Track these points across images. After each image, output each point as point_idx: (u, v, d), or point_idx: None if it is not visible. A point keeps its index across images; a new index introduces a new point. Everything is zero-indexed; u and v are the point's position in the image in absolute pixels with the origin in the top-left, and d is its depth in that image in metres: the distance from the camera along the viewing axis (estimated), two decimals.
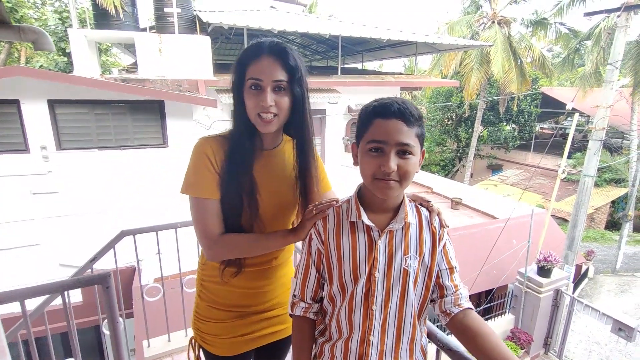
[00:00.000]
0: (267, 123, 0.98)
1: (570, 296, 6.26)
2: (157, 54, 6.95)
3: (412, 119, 0.83)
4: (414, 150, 0.84)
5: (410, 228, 0.92)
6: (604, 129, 6.77)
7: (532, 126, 18.84)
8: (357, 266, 0.91)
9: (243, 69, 0.97)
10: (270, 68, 0.95)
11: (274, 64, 0.96)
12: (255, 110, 0.97)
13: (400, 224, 0.90)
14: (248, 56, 0.97)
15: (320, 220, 0.97)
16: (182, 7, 7.55)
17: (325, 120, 8.94)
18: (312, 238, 0.99)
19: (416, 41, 9.42)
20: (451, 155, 20.11)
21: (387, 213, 0.93)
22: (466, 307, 0.92)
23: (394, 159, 0.82)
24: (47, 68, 13.22)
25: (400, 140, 0.82)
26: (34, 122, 4.83)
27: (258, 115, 0.97)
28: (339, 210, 0.97)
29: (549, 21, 15.05)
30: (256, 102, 0.96)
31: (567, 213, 13.59)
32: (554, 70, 15.71)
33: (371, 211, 0.93)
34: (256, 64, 0.95)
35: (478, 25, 15.81)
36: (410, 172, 0.84)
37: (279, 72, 0.96)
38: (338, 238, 0.93)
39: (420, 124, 0.85)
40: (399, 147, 0.82)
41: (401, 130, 0.82)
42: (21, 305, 1.11)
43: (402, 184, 0.85)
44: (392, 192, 0.86)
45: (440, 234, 0.95)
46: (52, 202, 5.08)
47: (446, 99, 18.84)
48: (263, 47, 0.97)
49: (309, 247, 0.99)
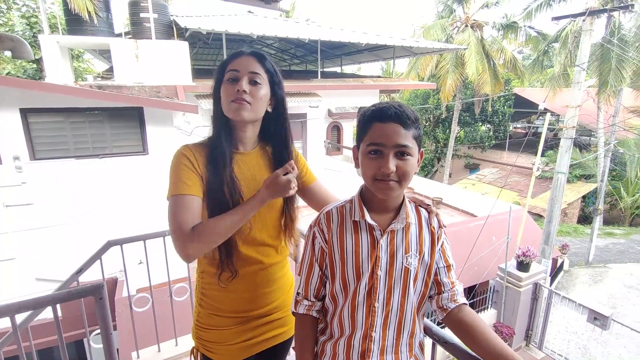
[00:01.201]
0: (239, 105, 1.01)
1: (548, 289, 6.49)
2: (133, 60, 6.81)
3: (408, 121, 0.87)
4: (412, 151, 0.88)
5: (410, 228, 0.96)
6: (574, 127, 7.10)
7: (506, 126, 19.50)
8: (360, 264, 0.94)
9: (223, 70, 1.04)
10: (247, 61, 1.02)
11: (251, 59, 1.03)
12: (229, 97, 1.01)
13: (402, 224, 0.94)
14: (227, 60, 1.04)
15: (324, 220, 1.00)
16: (159, 13, 7.45)
17: (307, 124, 8.98)
18: (315, 236, 1.01)
19: (393, 45, 9.60)
20: (430, 156, 20.54)
21: (389, 213, 0.97)
22: (461, 302, 0.97)
23: (393, 160, 0.86)
24: (15, 75, 12.69)
25: (398, 142, 0.86)
26: (6, 132, 4.64)
27: (232, 101, 1.00)
28: (342, 210, 1.00)
29: (518, 25, 15.67)
30: (232, 90, 1.00)
31: (542, 209, 14.10)
32: (525, 72, 16.34)
33: (373, 211, 0.96)
34: (235, 61, 1.03)
35: (452, 29, 16.27)
36: (409, 173, 0.88)
37: (256, 66, 1.03)
38: (341, 236, 0.96)
39: (417, 126, 0.90)
40: (397, 149, 0.86)
41: (399, 133, 0.86)
42: (11, 320, 1.08)
43: (401, 184, 0.89)
44: (392, 193, 0.89)
45: (438, 234, 0.99)
46: (26, 214, 4.89)
47: (424, 101, 19.27)
48: (243, 51, 1.04)
49: (313, 245, 1.02)
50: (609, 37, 10.40)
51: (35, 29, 12.54)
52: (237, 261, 1.09)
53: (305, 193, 1.27)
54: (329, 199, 1.27)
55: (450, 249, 1.03)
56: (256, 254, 1.13)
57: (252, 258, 1.12)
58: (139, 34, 7.25)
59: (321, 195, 1.28)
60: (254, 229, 1.10)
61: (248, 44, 13.26)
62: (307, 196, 1.28)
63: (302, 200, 1.30)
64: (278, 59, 15.93)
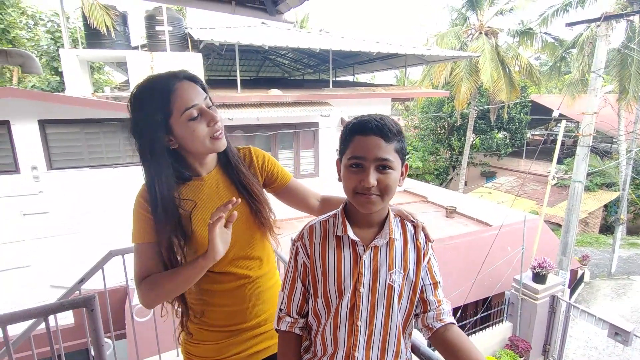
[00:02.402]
0: (221, 139, 1.00)
1: (566, 302, 6.26)
2: (149, 72, 6.99)
3: (390, 134, 0.85)
4: (394, 165, 0.86)
5: (395, 244, 0.94)
6: (591, 134, 6.89)
7: (523, 133, 19.09)
8: (341, 281, 0.92)
9: (165, 106, 0.92)
10: (195, 91, 0.96)
11: (194, 88, 0.97)
12: (209, 133, 0.97)
13: (385, 239, 0.92)
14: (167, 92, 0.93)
15: (306, 234, 0.98)
16: (174, 26, 7.66)
17: (318, 133, 9.01)
18: (298, 251, 0.99)
19: (405, 53, 9.58)
20: (445, 164, 20.25)
21: (373, 228, 0.94)
22: (448, 322, 0.93)
23: (374, 174, 0.84)
24: (39, 88, 13.24)
25: (378, 156, 0.84)
26: (25, 143, 4.82)
27: (211, 137, 0.98)
28: (325, 225, 0.98)
29: (534, 31, 15.42)
30: (206, 124, 0.96)
31: (561, 218, 13.65)
32: (541, 78, 16.03)
33: (357, 226, 0.94)
34: (180, 93, 0.93)
35: (466, 37, 16.15)
36: (390, 187, 0.86)
37: (202, 93, 0.98)
38: (324, 252, 0.94)
39: (399, 139, 0.87)
40: (378, 162, 0.84)
41: (379, 146, 0.84)
42: (2, 332, 1.11)
43: (383, 198, 0.87)
44: (374, 207, 0.87)
45: (425, 250, 0.96)
46: (42, 222, 5.03)
47: (438, 109, 19.09)
48: (173, 79, 0.95)
49: (295, 260, 1.00)
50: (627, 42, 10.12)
51: (59, 43, 13.05)
52: (220, 278, 1.09)
53: (283, 194, 1.24)
54: (308, 196, 1.25)
55: (438, 265, 0.99)
56: (240, 269, 1.12)
57: (237, 274, 1.11)
58: (155, 47, 7.47)
59: (300, 193, 1.25)
60: (234, 248, 1.08)
61: (261, 54, 13.48)
62: (286, 197, 1.25)
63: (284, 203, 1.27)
64: (292, 68, 16.12)
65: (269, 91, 8.03)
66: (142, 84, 0.96)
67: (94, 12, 6.87)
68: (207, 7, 2.36)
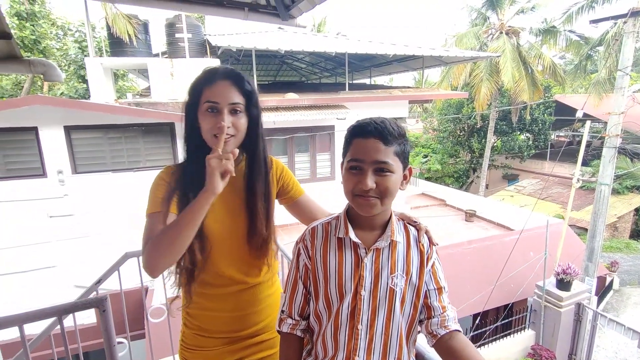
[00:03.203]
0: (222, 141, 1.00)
1: (593, 310, 6.00)
2: (169, 78, 7.19)
3: (390, 137, 0.85)
4: (392, 168, 0.85)
5: (397, 247, 0.92)
6: (618, 135, 6.61)
7: (546, 134, 18.50)
8: (342, 283, 0.91)
9: (198, 93, 1.00)
10: (225, 91, 0.99)
11: (229, 88, 1.00)
12: (211, 131, 0.99)
13: (387, 241, 0.91)
14: (203, 81, 1.00)
15: (308, 236, 0.99)
16: (193, 33, 7.85)
17: (334, 136, 9.01)
18: (300, 253, 1.00)
19: (422, 55, 9.48)
20: (465, 167, 19.85)
21: (375, 231, 0.94)
22: (453, 329, 0.91)
23: (372, 176, 0.84)
24: (67, 95, 13.79)
25: (376, 159, 0.84)
26: (51, 148, 5.03)
27: (214, 136, 0.99)
28: (327, 227, 0.98)
29: (558, 29, 14.95)
30: (213, 123, 0.98)
31: (587, 222, 13.13)
32: (566, 78, 15.51)
33: (359, 228, 0.94)
34: (212, 88, 0.99)
35: (486, 37, 15.83)
36: (389, 189, 0.85)
37: (235, 95, 1.00)
38: (325, 254, 0.94)
39: (400, 142, 0.87)
40: (377, 165, 0.84)
41: (378, 149, 0.84)
42: (20, 330, 1.15)
43: (382, 201, 0.86)
44: (373, 209, 0.87)
45: (428, 253, 0.94)
46: (67, 224, 5.23)
47: (457, 110, 18.76)
48: (218, 73, 1.01)
49: (297, 262, 1.00)
50: None
51: (86, 52, 13.57)
52: (216, 280, 1.09)
53: (293, 207, 1.26)
54: (317, 213, 1.26)
55: (443, 270, 0.97)
56: (238, 273, 1.11)
57: (234, 278, 1.10)
58: (174, 53, 7.66)
59: (309, 209, 1.26)
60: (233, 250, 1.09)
61: (278, 58, 13.62)
62: (295, 211, 1.27)
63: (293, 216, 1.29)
64: (309, 72, 16.21)
65: (285, 95, 8.10)
66: (205, 69, 1.05)
67: (117, 21, 7.12)
68: (221, 13, 2.39)
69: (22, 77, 14.72)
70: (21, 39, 12.67)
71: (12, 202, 4.90)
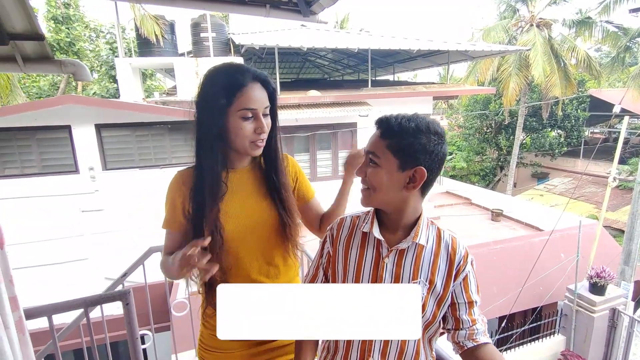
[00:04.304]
0: (260, 147, 1.03)
1: (629, 316, 5.69)
2: (194, 77, 7.34)
3: (387, 131, 0.84)
4: (379, 161, 0.84)
5: (423, 252, 0.88)
6: None
7: (580, 131, 17.66)
8: (360, 279, 0.89)
9: (231, 95, 0.96)
10: (259, 95, 0.99)
11: (261, 91, 1.00)
12: (252, 137, 0.99)
13: (409, 242, 0.87)
14: (235, 84, 0.97)
15: (336, 225, 0.99)
16: (217, 32, 7.97)
17: (357, 133, 8.94)
18: (326, 240, 0.99)
19: (447, 50, 9.25)
20: (492, 165, 19.25)
21: (400, 231, 0.90)
22: (482, 342, 0.87)
23: (364, 165, 0.88)
24: (99, 95, 14.37)
25: (368, 149, 0.87)
26: (83, 145, 5.24)
27: (252, 142, 1.00)
28: (356, 220, 0.97)
29: (594, 20, 14.21)
30: (251, 130, 0.99)
31: (624, 224, 12.46)
32: (602, 71, 14.73)
33: (385, 228, 0.91)
34: (246, 92, 0.97)
35: (515, 29, 15.25)
36: (372, 182, 0.85)
37: (265, 99, 1.01)
38: (348, 246, 0.94)
39: (401, 138, 0.82)
40: (368, 155, 0.86)
41: (373, 140, 0.86)
42: (49, 320, 1.19)
43: (371, 192, 0.87)
44: (363, 200, 0.89)
45: (460, 265, 0.88)
46: (98, 219, 5.44)
47: (484, 107, 18.19)
48: (248, 75, 0.99)
49: (322, 248, 1.01)
50: None
51: (117, 53, 14.08)
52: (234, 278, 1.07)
53: (303, 209, 1.24)
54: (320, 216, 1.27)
55: (476, 283, 0.91)
56: (255, 273, 1.09)
57: (252, 277, 1.09)
58: (199, 53, 7.81)
59: (316, 213, 1.26)
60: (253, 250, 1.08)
61: (301, 56, 13.64)
62: (303, 212, 1.24)
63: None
64: (331, 69, 16.16)
65: (307, 92, 8.10)
66: (224, 65, 1.02)
67: (144, 22, 7.33)
68: (243, 11, 2.40)
69: (58, 78, 15.45)
70: (57, 42, 13.29)
71: (47, 197, 5.15)
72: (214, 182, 1.00)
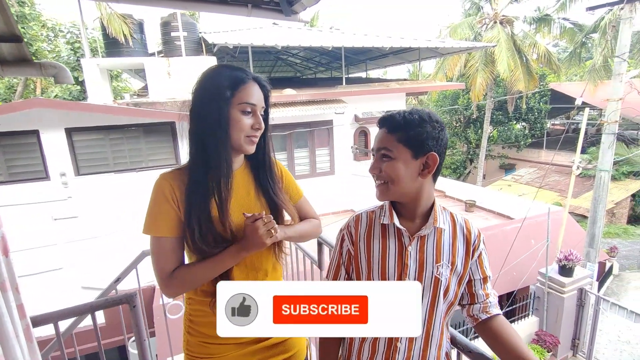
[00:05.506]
0: (254, 144, 1.04)
1: (595, 295, 6.10)
2: (166, 77, 7.16)
3: (394, 125, 0.90)
4: (393, 153, 0.89)
5: (443, 235, 0.94)
6: (617, 122, 6.66)
7: (542, 123, 18.58)
8: (385, 270, 0.93)
9: (231, 90, 0.98)
10: (258, 93, 1.03)
11: (259, 90, 1.04)
12: (248, 132, 1.01)
13: (430, 229, 0.93)
14: (235, 79, 0.99)
15: (352, 223, 1.01)
16: (188, 31, 7.79)
17: (333, 131, 9.01)
18: (344, 239, 1.02)
19: (418, 47, 9.48)
20: (462, 158, 19.93)
21: (417, 220, 0.96)
22: (494, 313, 0.95)
23: (378, 162, 0.93)
24: (62, 97, 13.66)
25: (378, 146, 0.93)
26: (53, 150, 5.01)
27: (247, 136, 1.01)
28: (372, 215, 1.00)
29: (552, 17, 14.98)
30: (248, 125, 1.01)
31: (586, 210, 13.26)
32: (561, 66, 15.57)
33: (402, 218, 0.96)
34: (246, 88, 1.00)
35: (480, 27, 15.82)
36: (389, 174, 0.90)
37: (262, 100, 1.05)
38: (368, 241, 0.96)
39: (408, 130, 0.88)
40: (380, 152, 0.92)
41: (381, 137, 0.92)
42: (55, 327, 1.17)
43: (389, 186, 0.92)
44: (382, 194, 0.94)
45: (475, 243, 0.96)
46: (72, 226, 5.22)
47: (453, 102, 18.79)
48: (248, 73, 1.02)
49: (340, 247, 1.03)
50: None
51: (79, 54, 13.43)
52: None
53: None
54: (309, 217, 1.26)
55: (488, 258, 1.00)
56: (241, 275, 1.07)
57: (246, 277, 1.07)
58: (171, 52, 7.61)
59: (304, 213, 1.26)
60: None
61: (273, 54, 13.55)
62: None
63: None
64: (304, 67, 16.15)
65: (282, 91, 8.08)
66: (225, 64, 1.07)
67: (112, 21, 7.05)
68: (225, 10, 2.39)
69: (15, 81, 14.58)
70: None
71: (16, 206, 4.88)
72: (229, 173, 1.00)
